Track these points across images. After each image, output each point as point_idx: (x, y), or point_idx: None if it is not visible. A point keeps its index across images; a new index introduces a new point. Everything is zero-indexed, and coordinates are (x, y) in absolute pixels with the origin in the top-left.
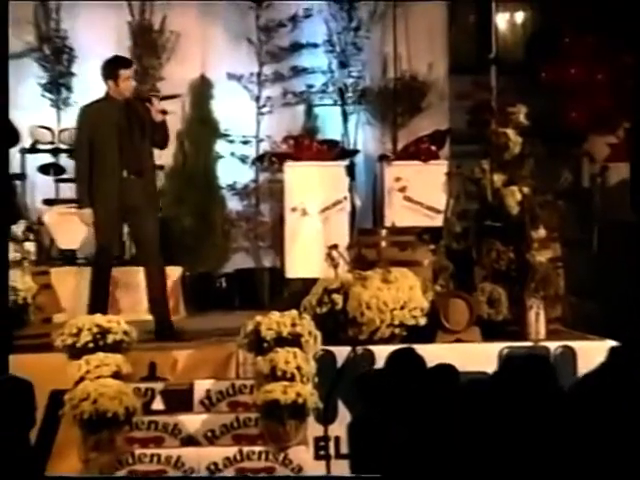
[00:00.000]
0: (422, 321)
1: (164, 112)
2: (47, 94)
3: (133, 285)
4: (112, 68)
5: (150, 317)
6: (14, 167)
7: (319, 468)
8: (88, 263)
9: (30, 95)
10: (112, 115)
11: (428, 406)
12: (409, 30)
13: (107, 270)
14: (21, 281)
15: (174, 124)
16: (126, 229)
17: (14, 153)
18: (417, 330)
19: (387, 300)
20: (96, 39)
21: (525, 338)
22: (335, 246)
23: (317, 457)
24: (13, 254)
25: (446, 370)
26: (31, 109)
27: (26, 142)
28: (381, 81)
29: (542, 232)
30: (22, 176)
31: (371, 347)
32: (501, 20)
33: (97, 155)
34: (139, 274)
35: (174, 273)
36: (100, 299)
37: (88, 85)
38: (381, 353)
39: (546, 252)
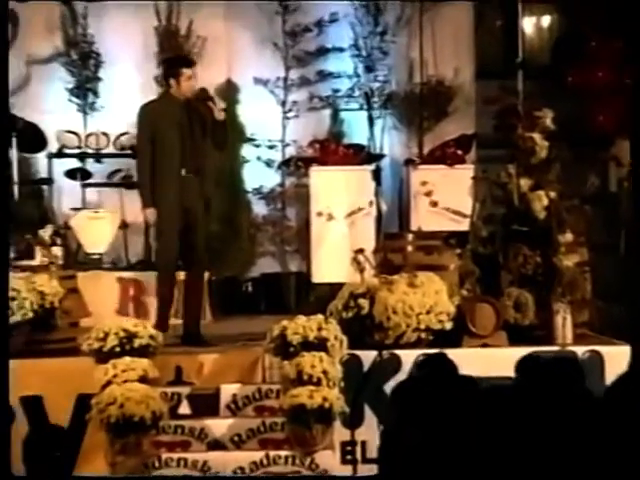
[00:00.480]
0: (448, 325)
1: (225, 110)
2: (74, 99)
3: None
4: (174, 67)
5: (176, 321)
6: (41, 172)
7: (346, 473)
8: (115, 267)
9: (57, 99)
10: (173, 113)
11: (457, 413)
12: (435, 34)
13: (171, 272)
14: (48, 285)
15: None
16: None
17: (41, 158)
18: (443, 334)
19: (413, 304)
20: (123, 44)
21: (552, 343)
22: (361, 250)
23: (344, 462)
24: (40, 259)
25: (467, 379)
26: (58, 113)
27: (53, 147)
28: (407, 85)
29: (569, 236)
30: (49, 181)
31: (397, 351)
32: (527, 24)
33: (158, 154)
34: None
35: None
36: (165, 303)
37: (115, 90)
38: (407, 357)
39: (573, 256)
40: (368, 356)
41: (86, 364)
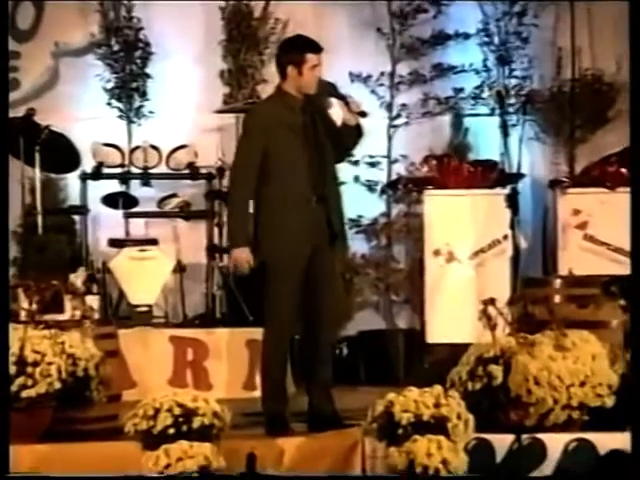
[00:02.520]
0: (609, 402)
1: (363, 114)
2: (115, 102)
3: (229, 353)
4: (296, 50)
5: (248, 395)
6: (73, 197)
7: None
8: (167, 323)
9: (93, 103)
10: (295, 117)
11: None
12: (592, 16)
13: (287, 337)
14: (81, 347)
15: None
16: None
17: (73, 179)
18: (603, 414)
19: (562, 373)
20: (178, 30)
21: None
22: (492, 301)
23: None
24: (71, 311)
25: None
26: (95, 121)
27: (88, 165)
28: (554, 83)
29: None
30: (83, 209)
31: (541, 435)
32: None
33: (276, 177)
34: (236, 337)
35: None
36: (278, 377)
37: (168, 90)
38: (554, 443)
39: None
40: (502, 441)
41: (130, 450)
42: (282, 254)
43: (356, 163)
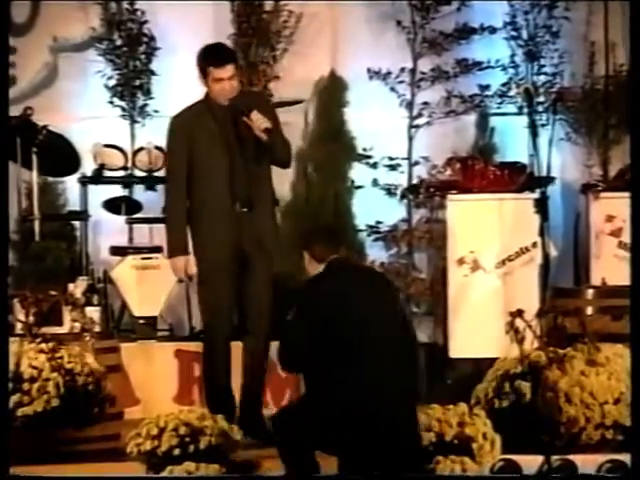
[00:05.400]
0: None
1: (269, 131)
2: (117, 100)
3: (240, 367)
4: (201, 63)
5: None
6: (72, 202)
7: None
8: (173, 336)
9: (94, 102)
10: (217, 126)
11: None
12: (627, 9)
13: (222, 345)
14: (80, 362)
15: (293, 141)
16: None
17: (72, 182)
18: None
19: (595, 390)
20: (185, 24)
21: None
22: (520, 313)
23: None
24: (70, 324)
25: None
26: (95, 121)
27: (88, 167)
28: (586, 80)
29: None
30: (83, 215)
31: (572, 457)
32: None
33: (198, 183)
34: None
35: None
36: (216, 386)
37: (173, 87)
38: (587, 464)
39: None
40: (531, 462)
41: (134, 472)
42: (206, 261)
43: (375, 166)
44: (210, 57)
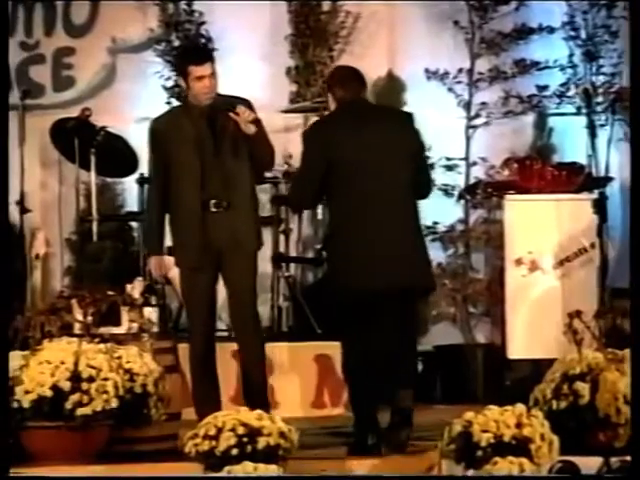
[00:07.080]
0: None
1: (256, 122)
2: (175, 101)
3: (296, 368)
4: (180, 62)
5: (317, 413)
6: (130, 203)
7: None
8: (230, 337)
9: (152, 103)
10: (191, 127)
11: None
12: None
13: (206, 343)
14: (139, 362)
15: None
16: None
17: (130, 183)
18: None
19: None
20: (242, 24)
21: None
22: (579, 314)
23: None
24: (128, 324)
25: None
26: None
27: (146, 168)
28: None
29: None
30: (141, 215)
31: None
32: None
33: (174, 185)
34: (304, 352)
35: (332, 351)
36: (204, 386)
37: (232, 88)
38: None
39: None
40: (589, 464)
41: (191, 472)
42: (182, 261)
43: (432, 166)
44: (190, 56)
